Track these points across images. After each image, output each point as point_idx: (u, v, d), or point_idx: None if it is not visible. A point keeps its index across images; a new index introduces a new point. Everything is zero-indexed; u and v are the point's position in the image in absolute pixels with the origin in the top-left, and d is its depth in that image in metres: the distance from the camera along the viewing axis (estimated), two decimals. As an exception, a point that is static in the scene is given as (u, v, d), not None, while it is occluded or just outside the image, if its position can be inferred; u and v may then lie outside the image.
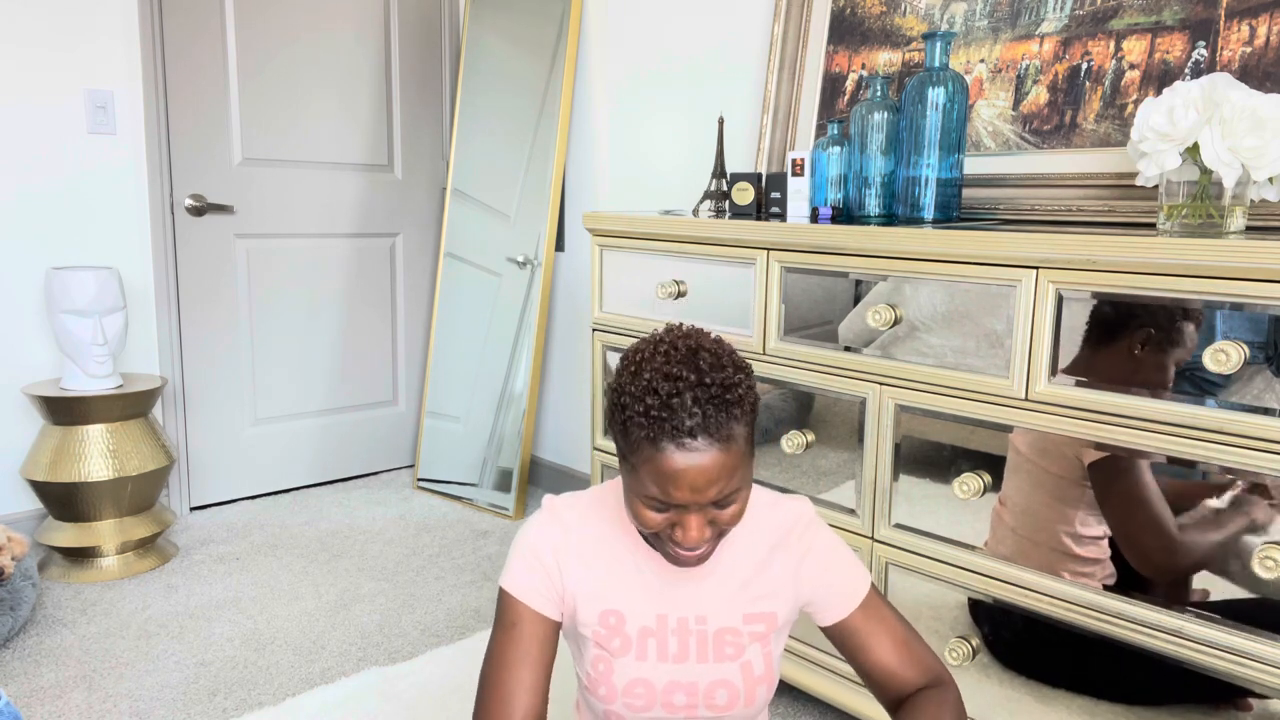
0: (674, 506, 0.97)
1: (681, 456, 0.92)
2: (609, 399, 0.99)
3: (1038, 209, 1.74)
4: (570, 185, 3.02)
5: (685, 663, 1.10)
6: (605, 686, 1.11)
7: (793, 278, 1.69)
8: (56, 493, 2.45)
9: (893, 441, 1.57)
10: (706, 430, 0.92)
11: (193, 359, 2.96)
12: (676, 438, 0.92)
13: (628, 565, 1.11)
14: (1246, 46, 1.52)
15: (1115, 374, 1.28)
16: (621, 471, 1.01)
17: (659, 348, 0.98)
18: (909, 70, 1.98)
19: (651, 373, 0.95)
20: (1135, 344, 1.25)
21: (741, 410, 0.95)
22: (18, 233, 2.63)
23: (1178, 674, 1.27)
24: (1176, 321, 1.22)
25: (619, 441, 0.98)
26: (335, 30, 3.12)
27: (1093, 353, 1.31)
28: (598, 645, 1.11)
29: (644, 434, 0.93)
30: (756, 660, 1.12)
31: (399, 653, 2.11)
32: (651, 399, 0.93)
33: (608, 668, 1.11)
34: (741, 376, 0.96)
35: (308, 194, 3.13)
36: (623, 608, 1.11)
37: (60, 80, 2.65)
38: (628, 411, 0.95)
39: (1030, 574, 1.41)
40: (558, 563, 1.10)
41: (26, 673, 1.99)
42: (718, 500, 0.97)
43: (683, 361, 0.95)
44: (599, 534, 1.12)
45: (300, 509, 3.05)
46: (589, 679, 1.13)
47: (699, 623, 1.11)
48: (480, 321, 3.10)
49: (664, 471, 0.93)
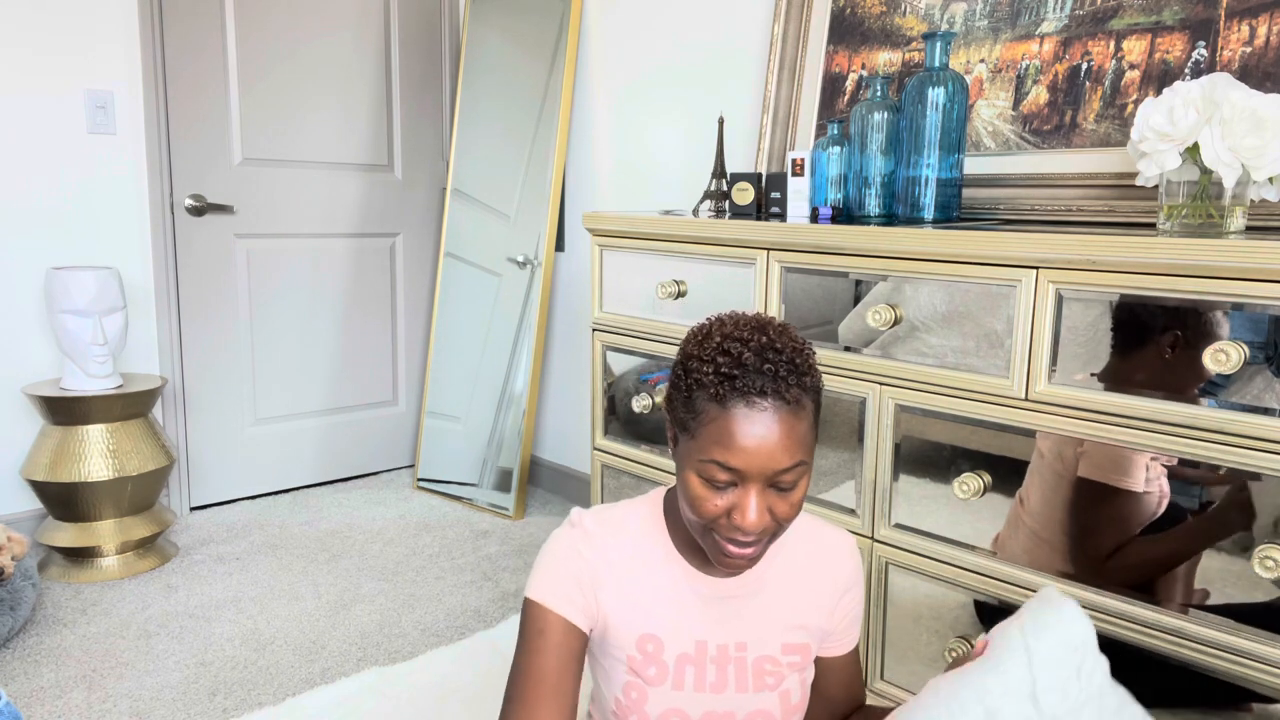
0: (734, 479, 0.91)
1: (750, 416, 0.89)
2: (674, 371, 0.97)
3: (1038, 209, 1.74)
4: (570, 185, 3.02)
5: (724, 692, 1.05)
6: (637, 715, 1.05)
7: (793, 278, 1.69)
8: (56, 493, 2.45)
9: (893, 441, 1.57)
10: (777, 391, 0.89)
11: (193, 359, 2.96)
12: (746, 395, 0.89)
13: (665, 588, 1.04)
14: (1246, 46, 1.52)
15: (1134, 376, 1.29)
16: (679, 451, 0.96)
17: (725, 319, 0.97)
18: (909, 70, 1.98)
19: (721, 337, 0.94)
20: (1164, 348, 1.25)
21: (811, 380, 0.93)
22: (18, 233, 2.63)
23: (1179, 674, 1.27)
24: (1198, 322, 1.22)
25: (681, 412, 0.94)
26: (335, 30, 3.12)
27: (1113, 356, 1.31)
28: (632, 672, 1.04)
29: (712, 393, 0.90)
30: (795, 689, 1.08)
31: (399, 653, 2.11)
32: (722, 358, 0.91)
33: (641, 695, 1.04)
34: (809, 350, 0.95)
35: (308, 194, 3.13)
36: (661, 633, 1.04)
37: (60, 80, 2.65)
38: (694, 375, 0.92)
39: (1030, 574, 1.41)
40: (592, 576, 1.03)
41: (26, 673, 1.99)
42: (780, 476, 0.91)
43: (752, 328, 0.94)
44: (633, 552, 1.05)
45: (300, 509, 3.05)
46: (618, 705, 1.06)
47: (739, 650, 1.05)
48: (480, 321, 3.10)
49: (730, 432, 0.89)
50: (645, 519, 1.07)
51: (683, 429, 0.94)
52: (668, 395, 0.98)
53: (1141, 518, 1.27)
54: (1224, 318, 1.18)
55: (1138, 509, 1.27)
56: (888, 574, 1.61)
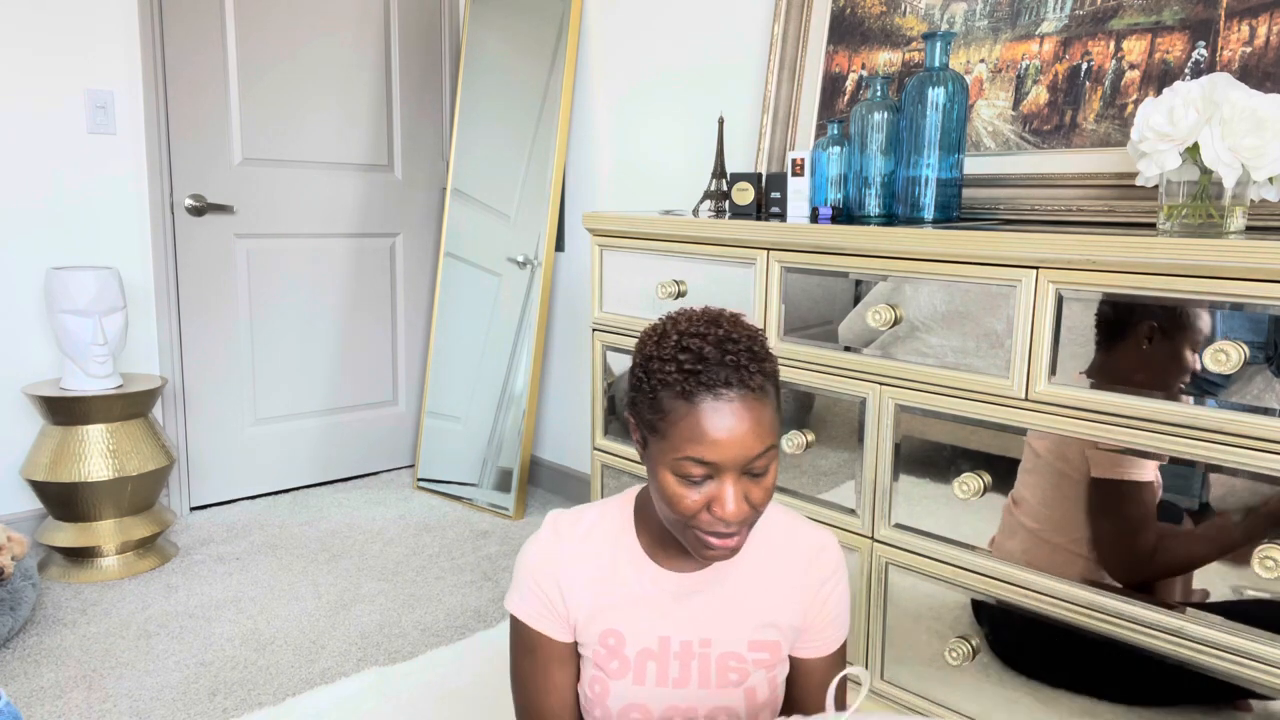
0: (709, 473, 0.93)
1: (718, 408, 0.92)
2: (633, 375, 0.98)
3: (1038, 209, 1.74)
4: (570, 185, 3.02)
5: (686, 687, 1.07)
6: (600, 709, 1.08)
7: (793, 278, 1.69)
8: (56, 493, 2.45)
9: (893, 441, 1.57)
10: (742, 381, 0.92)
11: (193, 359, 2.96)
12: (713, 388, 0.92)
13: (632, 584, 1.07)
14: (1246, 46, 1.52)
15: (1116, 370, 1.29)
16: (650, 453, 0.97)
17: (678, 318, 0.99)
18: (909, 70, 1.98)
19: (678, 335, 0.96)
20: (1141, 340, 1.25)
21: (770, 365, 0.96)
22: (18, 233, 2.63)
23: (1178, 674, 1.27)
24: (1181, 318, 1.22)
25: (647, 414, 0.96)
26: (335, 30, 3.12)
27: (1098, 352, 1.31)
28: (596, 666, 1.08)
29: (678, 390, 0.93)
30: (761, 686, 1.08)
31: (399, 653, 2.11)
32: (683, 355, 0.94)
33: (604, 689, 1.07)
34: (762, 336, 0.98)
35: (308, 194, 3.13)
36: (623, 628, 1.07)
37: (60, 80, 2.65)
38: (657, 376, 0.95)
39: (1031, 574, 1.41)
40: (558, 585, 1.07)
41: (26, 673, 1.99)
42: (754, 463, 0.93)
43: (706, 322, 0.97)
44: (603, 551, 1.08)
45: (300, 509, 3.05)
46: (585, 700, 1.10)
47: (703, 646, 1.07)
48: (480, 321, 3.10)
49: (701, 426, 0.92)
50: (615, 519, 1.10)
51: (651, 430, 0.96)
52: (630, 400, 0.99)
53: (1155, 507, 1.27)
54: (1204, 311, 1.19)
55: (1154, 498, 1.27)
56: (888, 574, 1.61)
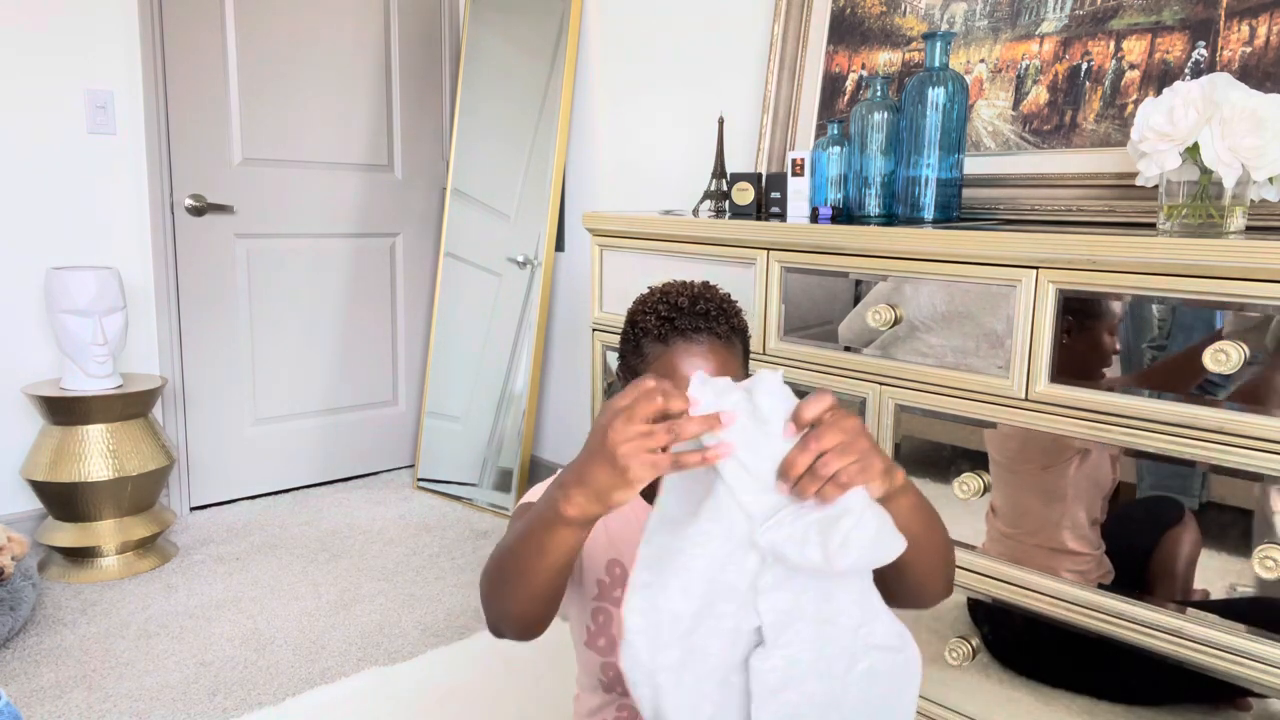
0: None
1: (689, 349, 1.03)
2: (623, 333, 1.11)
3: (1038, 209, 1.74)
4: (570, 185, 3.02)
5: None
6: (605, 638, 1.12)
7: (793, 278, 1.69)
8: (56, 493, 2.45)
9: (893, 441, 1.57)
10: (711, 329, 1.04)
11: (193, 359, 2.96)
12: (684, 332, 1.04)
13: (632, 519, 1.13)
14: (1246, 46, 1.52)
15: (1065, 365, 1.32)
16: None
17: (664, 284, 1.13)
18: (909, 70, 1.98)
19: (661, 293, 1.09)
20: (1061, 334, 1.32)
21: (739, 322, 1.09)
22: (18, 233, 2.63)
23: (1177, 674, 1.27)
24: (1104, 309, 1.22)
25: (632, 360, 1.08)
26: (335, 30, 3.12)
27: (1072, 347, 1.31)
28: (600, 596, 1.12)
29: (655, 334, 1.05)
30: None
31: (399, 653, 2.11)
32: (663, 306, 1.06)
33: (608, 619, 1.12)
34: (736, 304, 1.11)
35: (308, 194, 3.13)
36: (626, 559, 1.11)
37: (60, 80, 2.65)
38: (640, 325, 1.07)
39: (1030, 574, 1.41)
40: None
41: (26, 673, 1.99)
42: None
43: (685, 285, 1.11)
44: None
45: (300, 509, 3.05)
46: (587, 633, 1.14)
47: None
48: (480, 321, 3.10)
49: (674, 364, 1.03)
50: None
51: (633, 374, 1.07)
52: (621, 354, 1.12)
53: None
54: (1114, 301, 1.26)
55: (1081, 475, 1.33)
56: (888, 574, 1.61)
